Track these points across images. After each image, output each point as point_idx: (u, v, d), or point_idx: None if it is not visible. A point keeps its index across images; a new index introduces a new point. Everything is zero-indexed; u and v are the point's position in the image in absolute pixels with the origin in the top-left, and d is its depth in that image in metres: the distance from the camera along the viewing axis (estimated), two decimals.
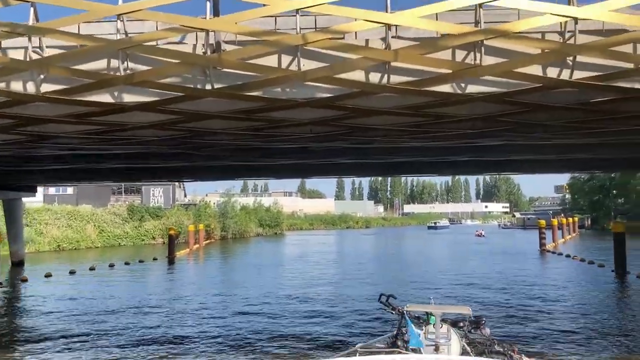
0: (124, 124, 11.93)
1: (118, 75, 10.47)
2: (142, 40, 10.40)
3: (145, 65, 10.67)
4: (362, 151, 16.55)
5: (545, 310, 15.43)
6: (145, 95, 10.98)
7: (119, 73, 10.46)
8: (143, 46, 10.46)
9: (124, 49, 10.40)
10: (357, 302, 17.04)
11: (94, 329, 13.65)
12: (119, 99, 11.05)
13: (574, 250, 35.39)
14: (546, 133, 12.58)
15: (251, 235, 65.37)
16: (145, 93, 10.97)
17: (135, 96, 11.02)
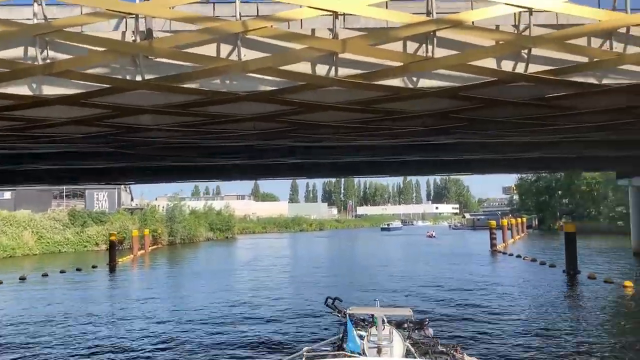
0: (45, 119, 10.76)
1: (36, 65, 9.34)
2: (62, 25, 9.31)
3: (67, 54, 9.57)
4: (312, 150, 15.81)
5: (495, 311, 15.13)
6: (67, 87, 9.86)
7: (37, 62, 9.33)
8: (64, 32, 9.37)
9: (42, 34, 9.29)
10: (305, 306, 16.65)
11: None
12: (38, 91, 9.89)
13: (524, 251, 35.70)
14: (501, 130, 12.15)
15: (201, 239, 63.63)
16: (68, 85, 9.86)
17: (56, 88, 9.88)
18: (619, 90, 10.41)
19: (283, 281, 23.81)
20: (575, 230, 22.03)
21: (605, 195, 58.85)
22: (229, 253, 46.96)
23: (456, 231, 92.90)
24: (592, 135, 12.89)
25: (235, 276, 26.58)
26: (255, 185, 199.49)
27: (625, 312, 14.84)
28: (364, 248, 50.50)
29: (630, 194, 31.09)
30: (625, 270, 23.65)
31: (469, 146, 15.96)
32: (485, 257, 33.39)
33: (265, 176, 24.35)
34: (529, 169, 28.76)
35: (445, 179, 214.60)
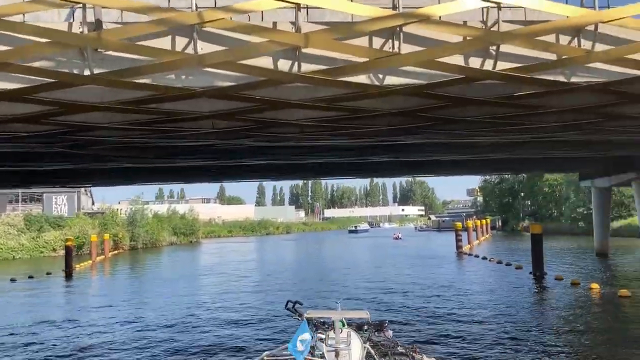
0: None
1: None
2: (1, 14, 8.57)
3: (6, 45, 8.84)
4: (276, 151, 15.27)
5: (460, 313, 14.93)
6: (9, 82, 9.13)
7: None
8: (3, 21, 8.63)
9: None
10: (267, 310, 16.42)
11: None
12: None
13: (489, 252, 35.81)
14: (468, 130, 11.86)
15: (164, 244, 62.20)
16: (9, 79, 9.13)
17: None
18: (587, 89, 10.24)
19: (245, 286, 23.23)
20: (542, 232, 21.98)
21: (567, 197, 59.95)
22: (192, 258, 45.91)
23: (422, 233, 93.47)
24: (559, 135, 12.74)
25: (197, 281, 25.85)
26: (221, 188, 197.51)
27: (592, 314, 14.68)
28: (330, 251, 50.10)
29: (593, 195, 31.51)
30: (590, 271, 23.74)
31: (436, 147, 15.67)
32: (451, 259, 33.36)
33: (229, 178, 23.66)
34: (494, 171, 28.86)
35: (411, 182, 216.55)
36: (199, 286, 23.78)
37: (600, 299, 16.55)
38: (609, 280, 20.51)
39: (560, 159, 22.53)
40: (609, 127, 11.78)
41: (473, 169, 24.53)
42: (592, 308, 15.63)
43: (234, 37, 9.20)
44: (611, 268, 25.31)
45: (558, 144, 15.81)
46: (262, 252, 51.59)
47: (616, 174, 25.99)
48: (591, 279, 20.01)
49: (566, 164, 24.72)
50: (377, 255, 41.22)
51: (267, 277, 26.41)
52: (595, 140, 15.13)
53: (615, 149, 17.78)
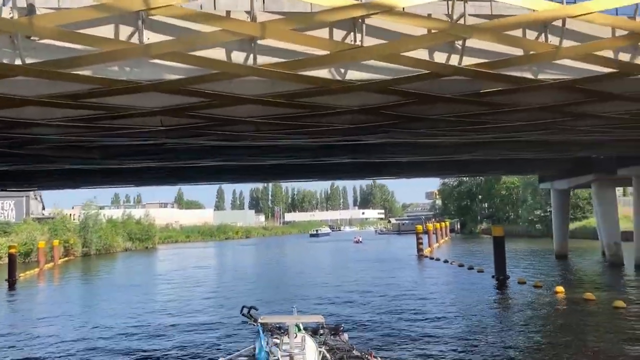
0: None
1: None
2: None
3: None
4: (232, 151, 14.54)
5: (420, 317, 14.53)
6: None
7: None
8: None
9: None
10: (222, 316, 16.05)
11: None
12: None
13: (450, 255, 35.69)
14: (432, 129, 11.44)
15: (118, 250, 60.14)
16: None
17: None
18: (554, 86, 9.94)
19: (200, 293, 22.37)
20: (504, 234, 21.77)
21: (524, 200, 60.86)
22: (147, 264, 44.36)
23: (382, 236, 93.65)
24: (524, 134, 12.47)
25: (150, 289, 24.76)
26: (179, 193, 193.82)
27: (559, 319, 14.30)
28: (290, 256, 49.24)
29: (552, 198, 31.72)
30: (552, 274, 23.65)
31: (399, 147, 15.26)
32: (412, 262, 33.07)
33: (184, 181, 22.70)
34: (456, 173, 28.77)
35: (371, 185, 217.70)
36: (152, 293, 22.76)
37: (565, 302, 16.22)
38: (573, 283, 20.31)
39: (521, 160, 22.54)
40: (574, 126, 11.55)
41: (434, 170, 24.32)
42: (559, 312, 15.24)
43: (184, 27, 8.49)
44: (572, 270, 25.32)
45: (520, 144, 15.63)
46: (220, 258, 50.37)
47: (576, 176, 26.19)
48: (554, 282, 19.84)
49: (526, 166, 24.80)
50: (337, 259, 40.76)
51: (223, 284, 25.53)
52: (558, 141, 14.98)
53: (575, 151, 17.77)
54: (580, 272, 24.71)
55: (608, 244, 24.53)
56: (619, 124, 11.85)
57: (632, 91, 10.17)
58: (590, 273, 24.14)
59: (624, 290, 18.38)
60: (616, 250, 24.34)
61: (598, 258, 29.28)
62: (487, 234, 74.45)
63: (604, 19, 9.35)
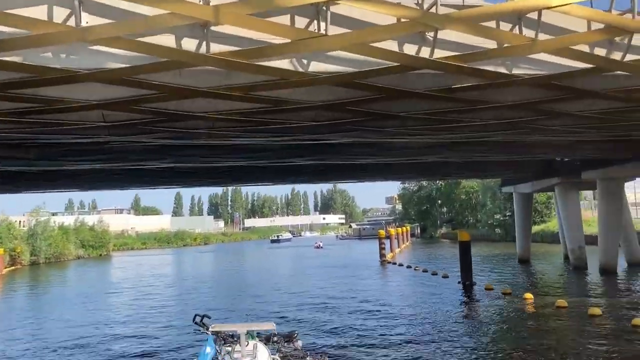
0: None
1: None
2: None
3: None
4: (184, 151, 13.55)
5: (384, 325, 13.99)
6: None
7: None
8: None
9: None
10: (174, 325, 15.68)
11: None
12: None
13: (412, 260, 35.36)
14: (402, 128, 10.77)
15: (70, 258, 57.66)
16: None
17: None
18: (527, 83, 9.41)
19: (153, 303, 21.22)
20: (470, 239, 21.32)
21: (484, 204, 61.24)
22: (99, 272, 42.44)
23: (343, 241, 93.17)
24: (495, 135, 11.96)
25: (100, 299, 23.34)
26: (136, 198, 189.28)
27: (533, 328, 13.44)
28: (249, 263, 47.93)
29: (515, 202, 31.53)
30: (517, 280, 23.30)
31: (364, 148, 14.58)
32: (374, 268, 32.39)
33: (137, 185, 21.45)
34: (421, 176, 28.16)
35: (332, 190, 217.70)
36: (102, 304, 21.46)
37: (537, 310, 15.61)
38: (541, 289, 19.84)
39: (485, 163, 22.25)
40: (548, 126, 11.08)
41: (400, 173, 23.74)
42: (531, 321, 14.55)
43: (127, 9, 7.54)
44: (537, 275, 25.04)
45: (489, 146, 15.20)
46: (176, 266, 48.62)
47: (539, 179, 26.07)
48: (522, 288, 19.42)
49: (490, 169, 24.53)
50: (298, 266, 39.63)
51: (177, 294, 24.35)
52: (528, 143, 14.60)
53: (541, 153, 17.47)
54: (546, 277, 24.40)
55: (572, 248, 24.41)
56: (594, 123, 11.46)
57: (608, 88, 9.73)
58: (556, 278, 23.85)
59: (594, 297, 17.97)
60: (580, 254, 24.26)
61: (560, 262, 29.26)
62: (446, 239, 75.02)
63: (580, 10, 8.87)
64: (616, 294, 18.40)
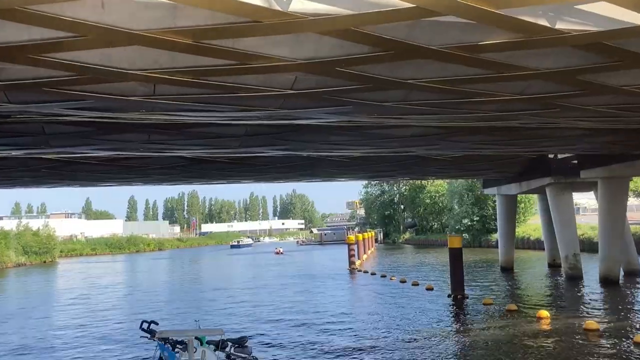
0: None
1: None
2: None
3: None
4: (125, 135, 10.77)
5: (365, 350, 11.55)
6: None
7: None
8: None
9: None
10: (120, 334, 14.91)
11: None
12: None
13: (382, 268, 33.01)
14: (404, 102, 8.32)
15: (9, 265, 53.22)
16: None
17: None
18: (572, 41, 7.15)
19: (94, 314, 18.99)
20: (462, 246, 18.89)
21: (451, 208, 59.52)
22: (39, 282, 38.50)
23: (304, 247, 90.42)
24: (517, 117, 9.67)
25: (35, 311, 20.40)
26: (87, 202, 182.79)
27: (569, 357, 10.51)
28: (207, 271, 44.26)
29: (499, 205, 29.31)
30: (510, 292, 20.91)
31: (347, 136, 12.13)
32: (343, 277, 29.64)
33: (70, 180, 18.26)
34: (398, 174, 25.11)
35: (291, 195, 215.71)
36: (37, 317, 18.68)
37: (565, 334, 12.48)
38: (551, 305, 16.89)
39: (471, 161, 20.16)
40: (585, 104, 8.86)
41: (374, 171, 21.11)
42: (572, 350, 11.09)
43: None
44: (532, 286, 22.30)
45: (489, 134, 13.01)
46: (124, 274, 44.87)
47: (527, 180, 23.91)
48: (525, 304, 16.86)
49: (475, 167, 22.29)
50: (260, 275, 35.47)
51: (121, 308, 21.34)
52: (537, 132, 12.46)
53: (545, 147, 15.33)
54: (544, 289, 21.49)
55: (566, 255, 22.20)
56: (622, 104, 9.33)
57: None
58: (555, 290, 21.14)
59: (624, 315, 14.87)
60: (575, 263, 22.12)
61: (545, 270, 27.20)
62: (410, 244, 73.49)
63: None
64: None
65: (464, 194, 54.00)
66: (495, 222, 52.89)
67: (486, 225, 52.50)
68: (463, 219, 53.59)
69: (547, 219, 27.14)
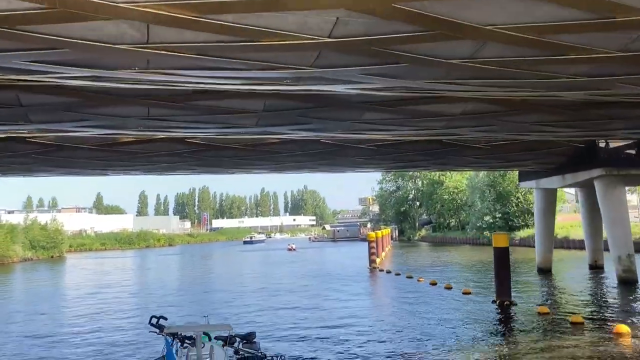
0: None
1: None
2: None
3: None
4: (118, 108, 8.85)
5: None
6: None
7: None
8: None
9: None
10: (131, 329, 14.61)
11: None
12: None
13: (402, 267, 30.91)
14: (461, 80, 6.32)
15: (15, 260, 51.81)
16: None
17: None
18: None
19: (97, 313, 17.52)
20: (508, 245, 16.73)
21: (472, 204, 56.85)
22: (44, 278, 36.90)
23: (317, 244, 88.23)
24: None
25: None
26: (98, 197, 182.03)
27: None
28: (219, 269, 40.92)
29: (537, 199, 26.60)
30: (559, 299, 18.18)
31: (386, 113, 10.11)
32: (365, 278, 27.32)
33: (64, 168, 16.39)
34: (431, 165, 22.52)
35: (302, 191, 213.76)
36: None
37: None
38: (621, 316, 14.11)
39: (511, 149, 18.03)
40: None
41: (407, 160, 18.66)
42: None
43: None
44: (583, 292, 19.55)
45: (548, 114, 10.94)
46: (133, 271, 43.05)
47: (573, 172, 21.33)
48: (591, 314, 14.38)
49: (515, 158, 19.99)
50: (275, 274, 32.60)
51: (128, 309, 19.53)
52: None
53: (618, 129, 13.09)
54: (600, 296, 18.64)
55: (619, 256, 19.85)
56: None
57: None
58: (615, 297, 18.24)
59: None
60: (629, 265, 19.82)
61: (587, 272, 24.75)
62: (426, 241, 71.19)
63: None
64: None
65: (485, 189, 51.78)
66: (518, 220, 50.89)
67: (509, 222, 50.21)
68: (485, 216, 51.35)
69: (590, 216, 24.89)
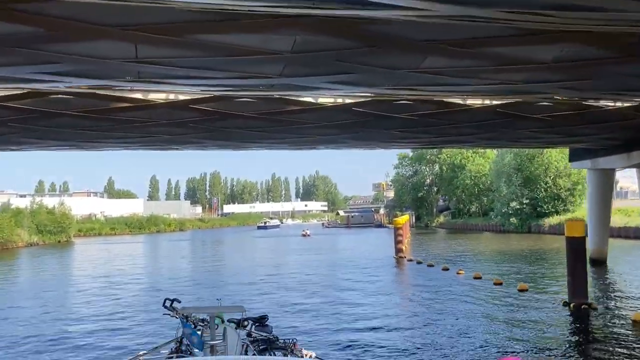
0: None
1: None
2: None
3: None
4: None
5: None
6: None
7: None
8: None
9: None
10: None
11: None
12: None
13: (427, 255, 28.17)
14: None
15: (20, 245, 50.02)
16: None
17: None
18: None
19: None
20: (585, 235, 13.93)
21: (497, 189, 53.34)
22: (49, 263, 34.96)
23: (330, 230, 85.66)
24: None
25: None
26: (110, 181, 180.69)
27: None
28: (233, 257, 37.96)
29: (590, 182, 23.60)
30: (632, 297, 15.25)
31: (454, 59, 7.58)
32: (391, 269, 24.66)
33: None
34: (483, 140, 19.47)
35: (314, 176, 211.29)
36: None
37: None
38: None
39: (570, 125, 15.37)
40: None
41: (450, 134, 15.89)
42: None
43: None
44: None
45: None
46: (141, 258, 40.78)
47: (638, 150, 18.47)
48: None
49: (572, 133, 17.12)
50: (291, 263, 30.68)
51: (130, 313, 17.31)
52: None
53: None
54: None
55: None
56: None
57: None
58: None
59: None
60: None
61: None
62: (444, 228, 68.41)
63: None
64: None
65: (512, 173, 48.82)
66: (548, 206, 47.77)
67: (537, 208, 47.27)
68: (511, 202, 48.45)
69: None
